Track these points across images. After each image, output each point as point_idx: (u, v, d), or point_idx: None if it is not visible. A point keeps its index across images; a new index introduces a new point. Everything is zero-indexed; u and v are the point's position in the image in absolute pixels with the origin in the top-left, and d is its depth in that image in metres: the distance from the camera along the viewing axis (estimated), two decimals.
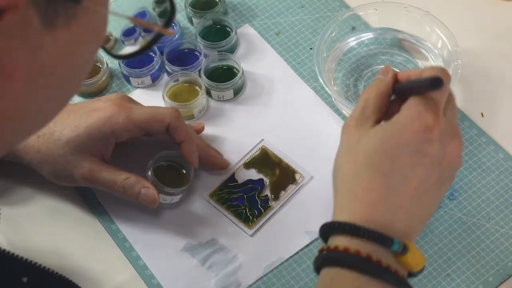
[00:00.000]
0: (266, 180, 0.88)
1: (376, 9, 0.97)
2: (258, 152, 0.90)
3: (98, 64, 0.95)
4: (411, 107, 0.71)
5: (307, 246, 0.83)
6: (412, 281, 0.80)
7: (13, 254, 0.65)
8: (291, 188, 0.87)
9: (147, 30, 0.95)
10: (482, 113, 0.92)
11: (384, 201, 0.69)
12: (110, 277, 0.83)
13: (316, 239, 0.83)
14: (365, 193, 0.70)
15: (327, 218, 0.85)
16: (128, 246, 0.84)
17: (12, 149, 0.56)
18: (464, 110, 0.92)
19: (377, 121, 0.73)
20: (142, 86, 0.96)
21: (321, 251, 0.69)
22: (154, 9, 0.96)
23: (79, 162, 0.82)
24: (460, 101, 0.93)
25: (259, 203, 0.86)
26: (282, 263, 0.83)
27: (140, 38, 0.95)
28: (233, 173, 0.89)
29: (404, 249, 0.68)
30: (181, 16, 1.01)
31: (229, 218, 0.86)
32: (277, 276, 0.82)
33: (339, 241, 0.68)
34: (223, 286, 0.81)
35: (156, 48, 0.96)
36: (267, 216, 0.85)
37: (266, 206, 0.86)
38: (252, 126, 0.92)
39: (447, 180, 0.73)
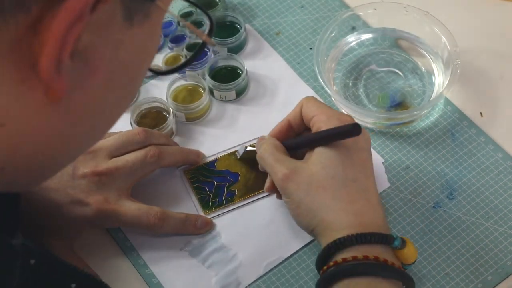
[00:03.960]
0: (241, 177, 0.88)
1: (376, 9, 0.97)
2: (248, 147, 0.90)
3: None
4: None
5: (307, 245, 0.84)
6: None
7: (62, 260, 0.66)
8: (261, 192, 0.87)
9: (174, 41, 0.96)
10: (481, 113, 0.92)
11: (366, 204, 0.74)
12: (111, 276, 0.83)
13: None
14: (349, 205, 0.74)
15: None
16: (129, 245, 0.85)
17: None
18: (463, 110, 0.92)
19: (293, 159, 0.79)
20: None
21: (324, 270, 0.72)
22: (179, 23, 0.97)
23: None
24: (459, 101, 0.93)
25: (224, 194, 0.87)
26: (282, 262, 0.83)
27: (168, 48, 0.95)
28: (216, 159, 0.89)
29: (403, 243, 0.72)
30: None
31: (191, 198, 0.87)
32: (277, 275, 0.82)
33: (344, 255, 0.71)
34: (223, 285, 0.82)
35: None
36: (226, 210, 0.86)
37: (229, 200, 0.87)
38: (253, 126, 0.93)
39: None
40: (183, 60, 0.95)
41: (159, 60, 0.96)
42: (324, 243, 0.74)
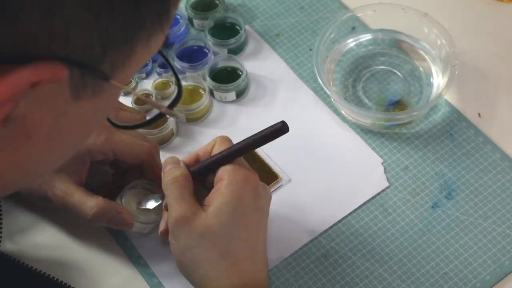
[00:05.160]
0: None
1: (375, 11, 0.97)
2: None
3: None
4: (234, 174, 0.74)
5: (306, 244, 0.84)
6: (408, 280, 0.81)
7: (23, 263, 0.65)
8: (271, 186, 0.87)
9: (163, 66, 0.95)
10: (479, 114, 0.92)
11: (251, 266, 0.74)
12: (111, 275, 0.83)
13: (315, 238, 0.84)
14: (234, 265, 0.73)
15: (327, 217, 0.86)
16: (129, 245, 0.85)
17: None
18: (461, 111, 0.93)
19: (196, 203, 0.74)
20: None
21: None
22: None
23: (53, 183, 0.79)
24: (457, 102, 0.93)
25: None
26: (282, 261, 0.83)
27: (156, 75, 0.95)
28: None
29: None
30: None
31: None
32: (276, 275, 0.82)
33: None
34: None
35: None
36: None
37: None
38: (253, 127, 0.92)
39: None
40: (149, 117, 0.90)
41: (148, 85, 0.95)
42: None
